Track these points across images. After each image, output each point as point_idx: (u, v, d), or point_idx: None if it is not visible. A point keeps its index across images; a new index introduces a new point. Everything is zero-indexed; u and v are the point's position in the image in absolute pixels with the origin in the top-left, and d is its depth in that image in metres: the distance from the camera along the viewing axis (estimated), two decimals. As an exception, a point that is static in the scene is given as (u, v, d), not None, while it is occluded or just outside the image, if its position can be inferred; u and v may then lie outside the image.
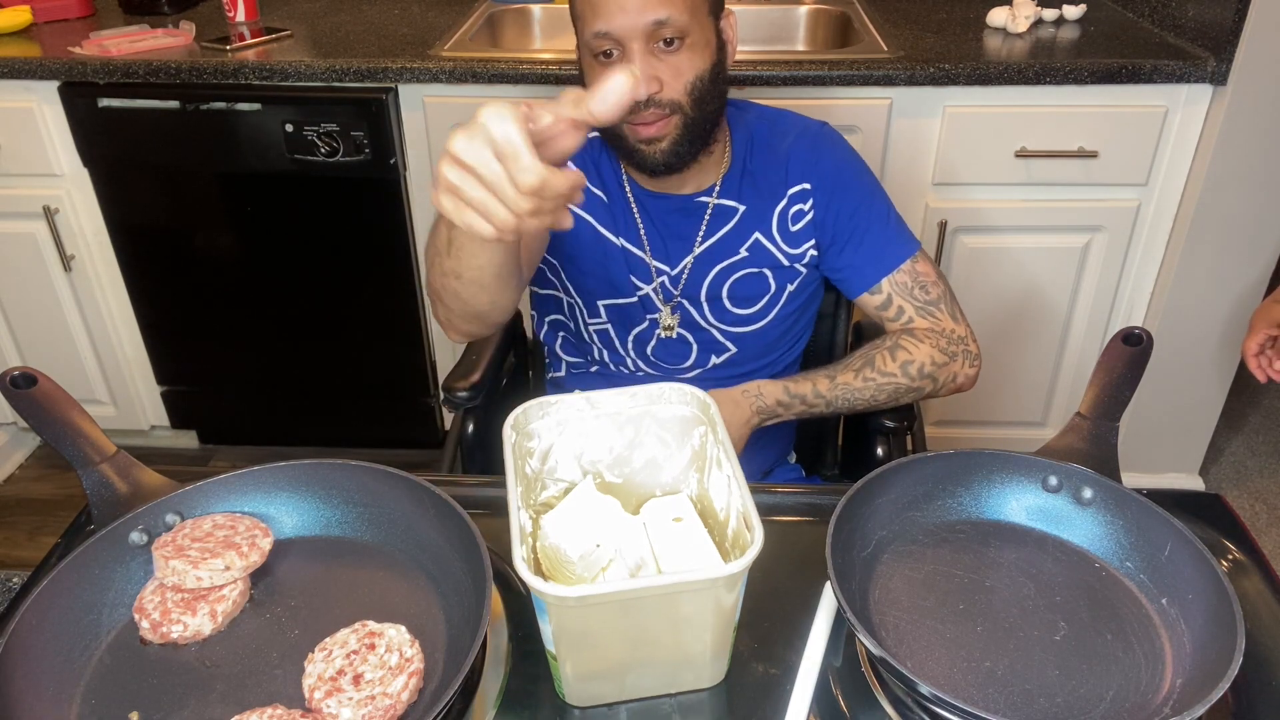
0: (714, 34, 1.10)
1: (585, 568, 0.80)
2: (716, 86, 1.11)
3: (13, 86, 1.86)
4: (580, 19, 1.08)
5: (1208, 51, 1.73)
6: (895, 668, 0.69)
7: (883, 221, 1.21)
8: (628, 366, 1.28)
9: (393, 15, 2.09)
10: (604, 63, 1.07)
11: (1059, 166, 1.82)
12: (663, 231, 1.22)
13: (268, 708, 0.72)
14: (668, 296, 1.23)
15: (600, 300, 1.25)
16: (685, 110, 1.08)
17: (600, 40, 1.05)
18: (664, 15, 1.03)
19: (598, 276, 1.24)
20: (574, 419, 0.86)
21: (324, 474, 0.90)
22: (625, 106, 0.70)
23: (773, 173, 1.20)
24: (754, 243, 1.21)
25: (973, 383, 1.22)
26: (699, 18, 1.06)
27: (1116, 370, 0.92)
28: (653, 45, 1.05)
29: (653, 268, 1.22)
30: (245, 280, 2.07)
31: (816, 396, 1.18)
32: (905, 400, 1.20)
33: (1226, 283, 1.90)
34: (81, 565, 0.80)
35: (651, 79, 1.05)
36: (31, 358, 2.20)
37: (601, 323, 1.27)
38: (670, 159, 1.11)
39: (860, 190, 1.21)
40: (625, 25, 1.03)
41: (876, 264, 1.20)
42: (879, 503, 0.86)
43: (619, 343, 1.27)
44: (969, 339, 1.21)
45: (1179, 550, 0.80)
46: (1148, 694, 0.73)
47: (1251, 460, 2.35)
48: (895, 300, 1.20)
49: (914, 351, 1.18)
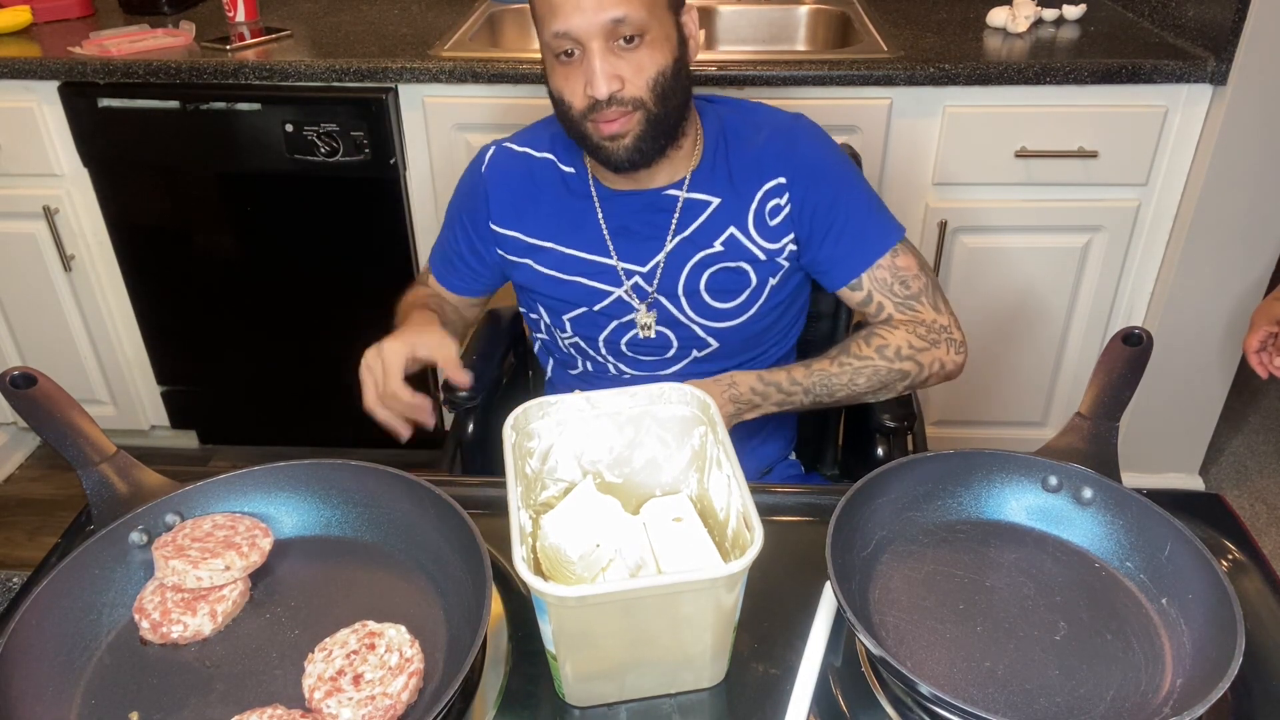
0: (674, 29, 1.09)
1: (585, 568, 0.80)
2: (679, 82, 1.10)
3: (13, 86, 1.86)
4: (539, 19, 1.07)
5: (1208, 51, 1.73)
6: (895, 668, 0.69)
7: (862, 212, 1.19)
8: (610, 370, 1.28)
9: (393, 15, 2.09)
10: (565, 62, 1.07)
11: (1059, 166, 1.82)
12: (630, 233, 1.21)
13: (268, 708, 0.72)
14: (642, 295, 1.22)
15: (565, 315, 1.26)
16: (648, 106, 1.08)
17: (560, 40, 1.05)
18: (621, 13, 1.02)
19: (559, 296, 1.25)
20: (574, 419, 0.86)
21: (324, 474, 0.90)
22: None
23: (748, 166, 1.19)
24: (729, 237, 1.20)
25: (960, 369, 1.20)
26: (658, 14, 1.06)
27: (1116, 370, 0.92)
28: (612, 43, 1.05)
29: (620, 270, 1.21)
30: (245, 280, 2.07)
31: (793, 384, 1.16)
32: (893, 388, 1.18)
33: (1226, 283, 1.90)
34: (81, 565, 0.80)
35: (613, 77, 1.05)
36: (31, 358, 2.19)
37: (569, 336, 1.28)
38: (634, 155, 1.10)
39: (837, 180, 1.19)
40: (583, 24, 1.03)
41: (856, 258, 1.18)
42: (879, 503, 0.86)
43: (592, 350, 1.27)
44: (952, 327, 1.19)
45: (1179, 550, 0.80)
46: (1148, 694, 0.73)
47: (1251, 460, 2.35)
48: (875, 296, 1.19)
49: (888, 337, 1.16)
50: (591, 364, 1.29)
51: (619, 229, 1.21)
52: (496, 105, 1.81)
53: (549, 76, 1.11)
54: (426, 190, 1.93)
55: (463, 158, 1.86)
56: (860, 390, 1.17)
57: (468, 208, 1.27)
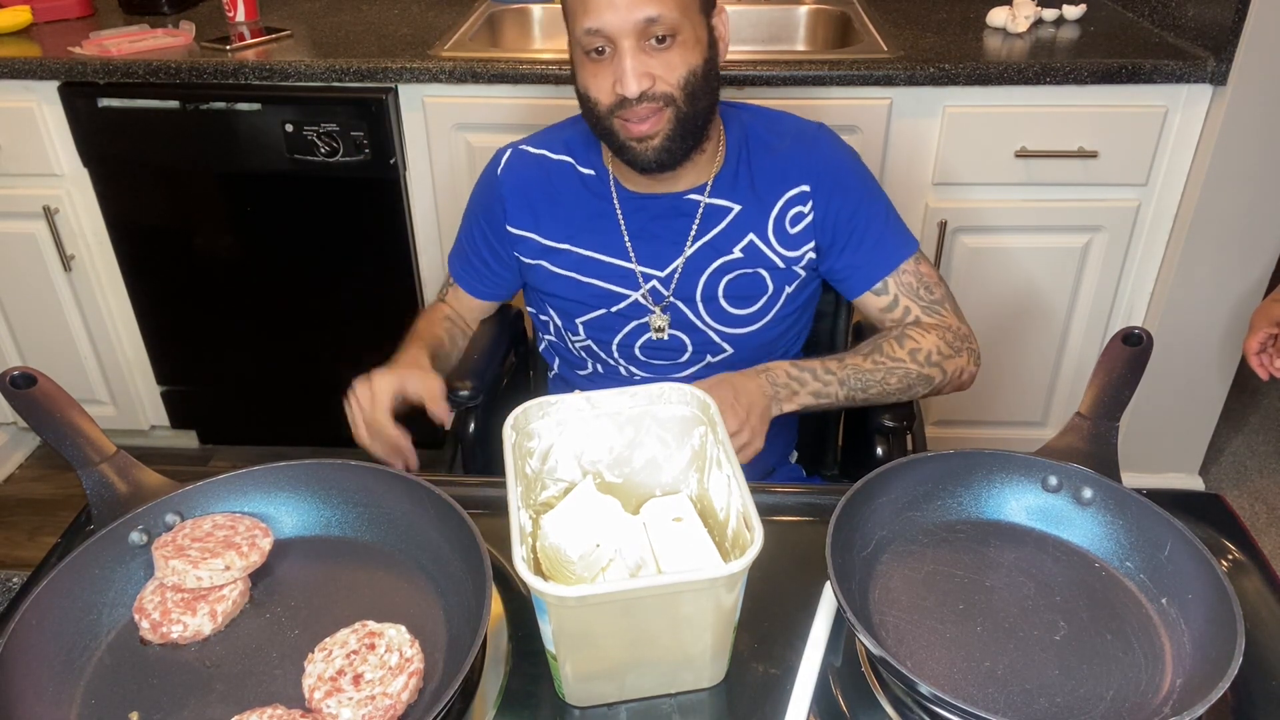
0: (706, 31, 1.09)
1: (585, 568, 0.80)
2: (709, 83, 1.10)
3: (13, 86, 1.86)
4: (571, 15, 1.07)
5: (1208, 51, 1.73)
6: (895, 668, 0.69)
7: (882, 221, 1.21)
8: (621, 372, 1.28)
9: (393, 15, 2.09)
10: (595, 59, 1.07)
11: (1059, 166, 1.82)
12: (650, 237, 1.21)
13: (268, 708, 0.72)
14: (658, 299, 1.23)
15: (579, 317, 1.26)
16: (678, 104, 1.07)
17: (591, 37, 1.05)
18: (655, 12, 1.02)
19: (575, 298, 1.25)
20: (574, 419, 0.86)
21: (324, 474, 0.90)
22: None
23: (770, 174, 1.20)
24: (749, 244, 1.20)
25: (973, 380, 1.22)
26: (690, 15, 1.06)
27: (1116, 370, 0.92)
28: (644, 42, 1.04)
29: (638, 274, 1.22)
30: (245, 280, 2.07)
31: (827, 374, 1.14)
32: (916, 391, 1.18)
33: (1226, 283, 1.90)
34: (81, 565, 0.80)
35: (643, 75, 1.05)
36: (31, 358, 2.19)
37: (581, 339, 1.28)
38: (663, 156, 1.10)
39: (859, 190, 1.20)
40: (616, 22, 1.03)
41: (878, 264, 1.20)
42: (879, 503, 0.86)
43: (604, 352, 1.28)
44: (972, 338, 1.21)
45: (1179, 550, 0.80)
46: (1148, 694, 0.73)
47: (1251, 460, 2.35)
48: (902, 300, 1.20)
49: (921, 340, 1.17)
50: (603, 366, 1.29)
51: (639, 232, 1.21)
52: (497, 105, 1.81)
53: (576, 72, 1.11)
54: (426, 190, 1.93)
55: (463, 158, 1.87)
56: (891, 390, 1.16)
57: (484, 211, 1.28)
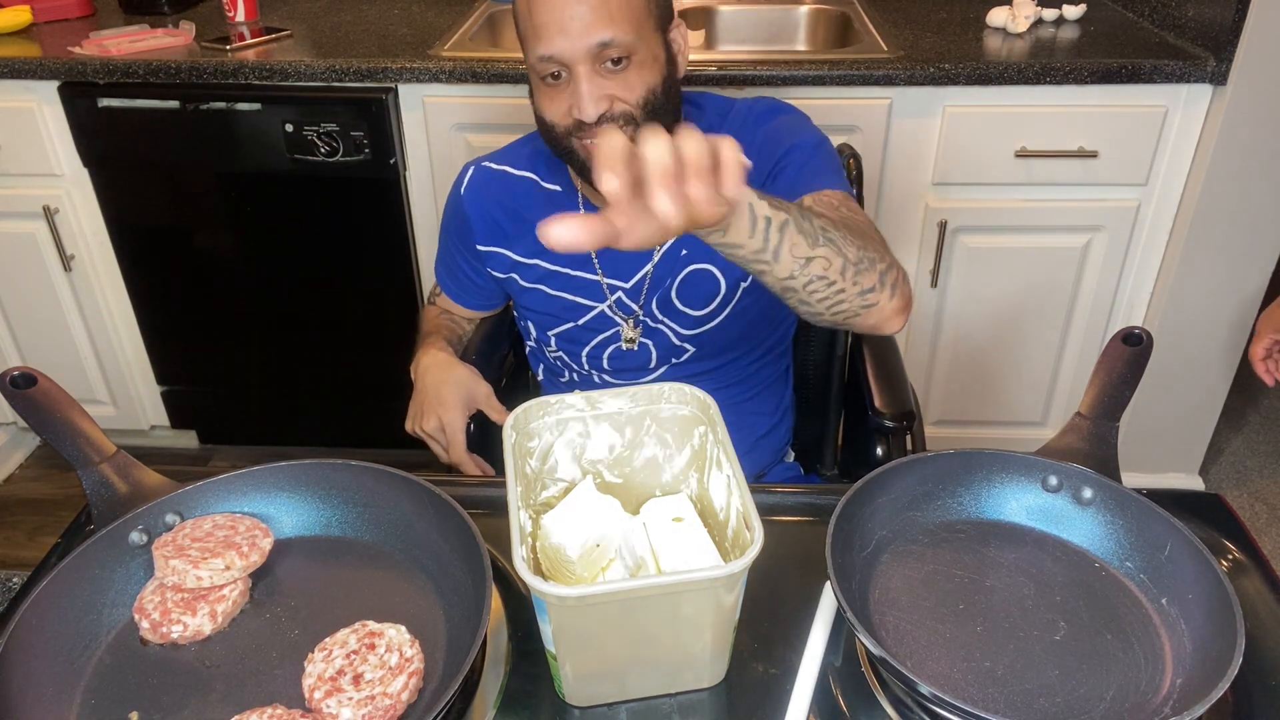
0: (662, 48, 1.07)
1: (585, 568, 0.80)
2: (670, 100, 1.08)
3: (13, 86, 1.86)
4: (525, 41, 1.05)
5: (1208, 51, 1.73)
6: (895, 668, 0.69)
7: (809, 151, 1.12)
8: (594, 380, 1.29)
9: (393, 15, 2.09)
10: (551, 84, 1.05)
11: (1059, 166, 1.82)
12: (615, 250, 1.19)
13: (268, 708, 0.72)
14: (626, 311, 1.22)
15: (550, 330, 1.26)
16: (639, 123, 1.05)
17: (546, 64, 1.03)
18: (608, 36, 1.00)
19: (545, 311, 1.25)
20: (574, 419, 0.86)
21: (324, 474, 0.90)
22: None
23: None
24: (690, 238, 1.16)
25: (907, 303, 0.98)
26: (645, 34, 1.04)
27: (1116, 370, 0.92)
28: (599, 65, 1.02)
29: (604, 285, 1.21)
30: (245, 280, 2.07)
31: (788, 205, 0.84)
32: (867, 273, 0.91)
33: (1227, 282, 1.90)
34: (81, 565, 0.80)
35: (601, 98, 1.03)
36: (31, 358, 2.19)
37: (554, 350, 1.29)
38: None
39: (786, 130, 1.15)
40: (569, 48, 1.01)
41: (801, 185, 1.09)
42: (879, 503, 0.86)
43: (575, 362, 1.28)
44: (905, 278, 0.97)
45: (1179, 550, 0.80)
46: (1148, 694, 0.73)
47: (1251, 460, 2.35)
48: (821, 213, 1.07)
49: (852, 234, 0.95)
50: (577, 375, 1.30)
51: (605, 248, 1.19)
52: (496, 105, 1.81)
53: (534, 96, 1.10)
54: (426, 190, 1.93)
55: (463, 158, 1.86)
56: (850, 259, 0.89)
57: (455, 230, 1.28)
